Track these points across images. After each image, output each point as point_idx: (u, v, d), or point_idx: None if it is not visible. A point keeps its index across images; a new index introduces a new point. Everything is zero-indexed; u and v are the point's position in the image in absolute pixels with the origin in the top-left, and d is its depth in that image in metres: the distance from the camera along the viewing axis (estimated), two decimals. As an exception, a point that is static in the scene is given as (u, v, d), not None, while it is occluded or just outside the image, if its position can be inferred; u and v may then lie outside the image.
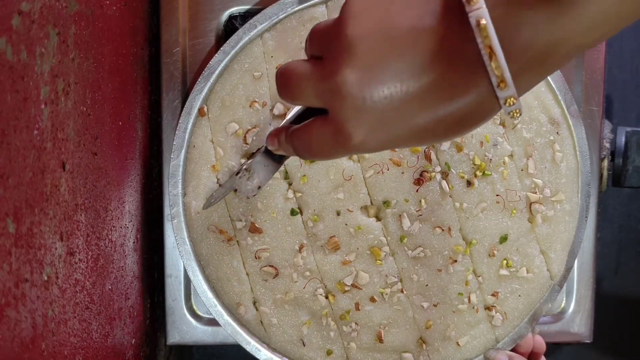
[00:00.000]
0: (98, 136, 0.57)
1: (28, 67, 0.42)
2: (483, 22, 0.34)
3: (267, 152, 0.54)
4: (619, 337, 1.01)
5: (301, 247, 0.68)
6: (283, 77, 0.43)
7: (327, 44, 0.40)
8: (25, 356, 0.43)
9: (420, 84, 0.37)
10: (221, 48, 0.66)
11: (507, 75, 0.35)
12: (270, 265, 0.68)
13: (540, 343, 0.69)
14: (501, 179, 0.67)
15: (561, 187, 0.68)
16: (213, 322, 0.72)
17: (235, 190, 0.57)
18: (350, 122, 0.39)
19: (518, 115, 0.38)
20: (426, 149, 0.66)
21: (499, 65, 0.35)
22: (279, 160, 0.55)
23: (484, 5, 0.34)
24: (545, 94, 0.67)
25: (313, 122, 0.43)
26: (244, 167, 0.57)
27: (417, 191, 0.67)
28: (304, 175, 0.67)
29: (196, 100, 0.67)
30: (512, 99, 0.36)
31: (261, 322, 0.69)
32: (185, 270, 0.71)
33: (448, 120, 0.38)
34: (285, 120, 0.49)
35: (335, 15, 0.65)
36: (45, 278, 0.46)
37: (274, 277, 0.68)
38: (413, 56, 0.37)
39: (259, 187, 0.57)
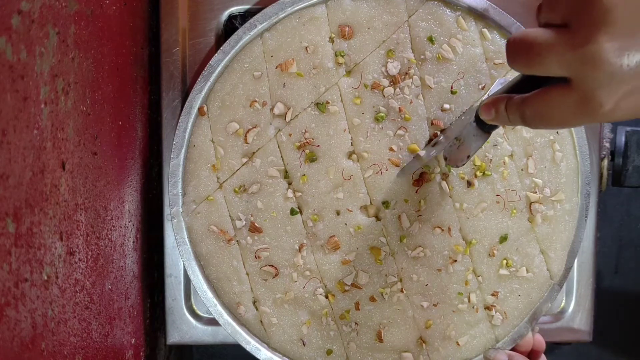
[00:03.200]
0: (98, 136, 0.57)
1: (28, 67, 0.42)
2: None
3: (478, 123, 0.54)
4: (619, 336, 1.01)
5: (301, 247, 0.68)
6: (520, 46, 0.42)
7: (576, 12, 0.39)
8: (25, 356, 0.43)
9: None
10: (221, 48, 0.66)
11: None
12: (270, 265, 0.68)
13: (540, 341, 0.69)
14: (501, 179, 0.67)
15: (561, 187, 0.68)
16: (213, 322, 0.72)
17: (445, 159, 0.59)
18: (601, 90, 0.39)
19: None
20: (426, 149, 0.66)
21: None
22: (488, 130, 0.55)
23: None
24: (545, 94, 0.67)
25: (551, 90, 0.42)
26: (454, 136, 0.58)
27: (416, 192, 0.67)
28: (304, 175, 0.67)
29: (196, 99, 0.67)
30: None
31: (261, 321, 0.69)
32: (185, 270, 0.71)
33: None
34: (492, 92, 0.48)
35: (336, 14, 0.65)
36: (45, 278, 0.46)
37: (273, 277, 0.68)
38: None
39: (469, 157, 0.57)
